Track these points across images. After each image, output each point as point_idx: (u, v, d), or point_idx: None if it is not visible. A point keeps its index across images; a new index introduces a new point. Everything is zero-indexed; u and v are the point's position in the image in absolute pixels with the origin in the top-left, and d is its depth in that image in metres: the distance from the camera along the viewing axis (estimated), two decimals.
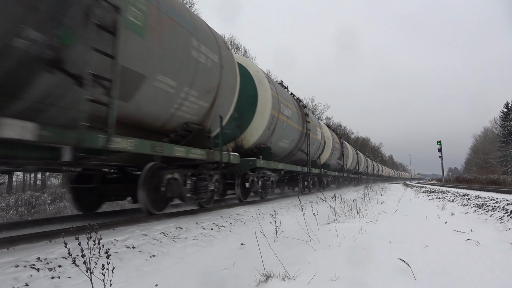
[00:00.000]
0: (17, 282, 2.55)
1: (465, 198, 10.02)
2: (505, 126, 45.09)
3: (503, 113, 46.82)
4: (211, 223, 5.55)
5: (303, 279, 2.57)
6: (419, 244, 3.62)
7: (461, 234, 4.14)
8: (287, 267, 2.75)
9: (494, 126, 55.58)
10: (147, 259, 3.51)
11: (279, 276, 2.60)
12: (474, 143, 64.91)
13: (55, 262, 2.97)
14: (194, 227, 5.09)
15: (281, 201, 10.59)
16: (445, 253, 3.31)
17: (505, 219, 5.23)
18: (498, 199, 7.92)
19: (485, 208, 6.74)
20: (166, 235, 4.41)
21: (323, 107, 47.21)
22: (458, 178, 38.56)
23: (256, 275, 2.64)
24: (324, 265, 2.88)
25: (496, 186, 22.92)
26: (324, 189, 18.54)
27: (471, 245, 3.61)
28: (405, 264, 2.62)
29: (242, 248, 4.09)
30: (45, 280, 2.67)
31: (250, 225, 5.86)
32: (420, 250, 3.37)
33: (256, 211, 7.32)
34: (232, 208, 7.94)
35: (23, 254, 3.13)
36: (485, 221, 5.58)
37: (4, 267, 2.73)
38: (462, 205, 8.24)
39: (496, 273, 2.73)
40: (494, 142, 51.89)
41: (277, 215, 4.92)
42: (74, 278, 2.74)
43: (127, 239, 3.99)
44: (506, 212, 5.69)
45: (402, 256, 2.73)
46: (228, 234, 5.14)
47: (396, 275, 2.58)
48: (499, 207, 6.34)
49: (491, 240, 3.94)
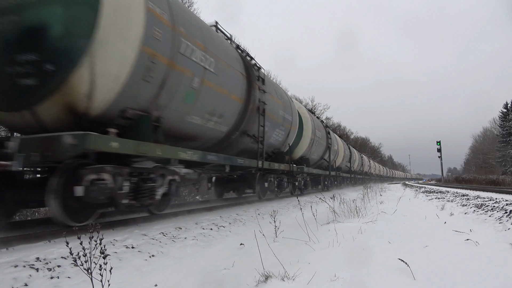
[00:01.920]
0: (16, 282, 2.55)
1: (464, 198, 10.03)
2: (504, 126, 45.11)
3: (503, 114, 46.85)
4: (210, 223, 5.55)
5: (303, 279, 2.57)
6: (419, 244, 3.62)
7: (460, 234, 4.15)
8: (286, 267, 2.75)
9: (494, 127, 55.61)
10: (146, 259, 3.51)
11: (279, 276, 2.60)
12: (474, 143, 64.94)
13: (54, 262, 2.97)
14: (193, 227, 5.09)
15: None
16: (444, 253, 3.31)
17: (504, 219, 5.24)
18: (497, 199, 7.93)
19: (484, 208, 6.75)
20: (166, 235, 4.41)
21: (323, 107, 47.10)
22: (458, 178, 38.58)
23: (255, 275, 2.64)
24: (324, 265, 2.88)
25: (495, 186, 22.94)
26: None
27: (470, 245, 3.62)
28: (405, 264, 2.62)
29: (242, 248, 4.09)
30: (44, 280, 2.67)
31: (249, 225, 5.87)
32: (420, 250, 3.38)
33: (256, 211, 7.33)
34: (231, 208, 7.95)
35: (22, 254, 3.13)
36: (484, 221, 5.59)
37: (3, 267, 2.73)
38: (462, 205, 8.24)
39: (495, 273, 2.74)
40: (493, 143, 51.90)
41: (276, 215, 4.92)
42: (73, 278, 2.74)
43: (126, 239, 3.99)
44: (505, 212, 5.70)
45: (401, 256, 2.73)
46: (228, 234, 5.14)
47: (396, 275, 2.58)
48: (498, 207, 6.35)
49: (490, 240, 3.94)
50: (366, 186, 15.58)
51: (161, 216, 5.94)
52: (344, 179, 26.66)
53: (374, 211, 6.19)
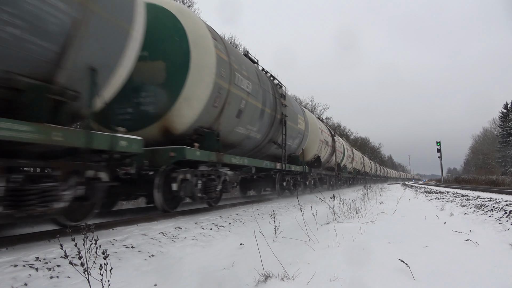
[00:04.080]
0: (16, 282, 2.55)
1: (464, 198, 10.03)
2: (504, 126, 45.12)
3: (502, 114, 46.85)
4: (210, 223, 5.55)
5: (302, 279, 2.57)
6: (418, 244, 3.62)
7: (460, 234, 4.15)
8: (286, 267, 2.74)
9: (493, 127, 55.60)
10: (146, 259, 3.51)
11: (278, 276, 2.60)
12: (473, 144, 64.94)
13: (54, 262, 2.97)
14: (193, 227, 5.08)
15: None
16: (444, 253, 3.32)
17: (504, 219, 5.24)
18: (497, 200, 7.93)
19: (484, 209, 6.75)
20: (165, 235, 4.40)
21: (323, 107, 47.14)
22: (457, 179, 38.61)
23: (255, 275, 2.64)
24: (323, 265, 2.88)
25: (495, 186, 22.95)
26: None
27: (470, 246, 3.62)
28: (404, 264, 2.62)
29: (241, 248, 4.09)
30: (44, 280, 2.67)
31: (249, 225, 5.86)
32: (419, 251, 3.38)
33: (255, 211, 7.33)
34: (232, 208, 7.95)
35: (22, 253, 3.12)
36: (484, 221, 5.59)
37: (3, 267, 2.73)
38: (461, 206, 8.25)
39: (495, 273, 2.74)
40: (493, 143, 51.92)
41: (276, 215, 4.92)
42: (73, 277, 2.74)
43: (126, 238, 3.99)
44: (505, 212, 5.70)
45: (401, 257, 2.73)
46: (227, 234, 5.14)
47: (395, 275, 2.58)
48: (498, 208, 6.35)
49: (490, 241, 3.95)
50: (366, 186, 15.59)
51: (161, 216, 5.94)
52: (347, 179, 28.89)
53: (374, 211, 6.18)
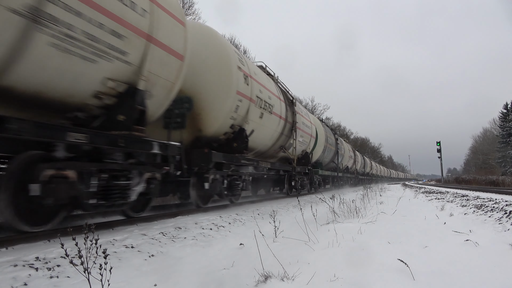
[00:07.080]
0: (16, 282, 2.55)
1: (464, 198, 10.03)
2: (504, 127, 45.11)
3: (502, 114, 46.83)
4: (210, 223, 5.54)
5: (302, 279, 2.57)
6: (418, 244, 3.62)
7: (460, 234, 4.15)
8: (286, 267, 2.75)
9: (493, 127, 55.59)
10: (146, 259, 3.51)
11: (278, 276, 2.60)
12: (474, 144, 64.92)
13: (54, 262, 2.96)
14: (193, 227, 5.08)
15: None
16: (444, 253, 3.32)
17: (504, 219, 5.24)
18: (497, 200, 7.93)
19: (484, 209, 6.75)
20: (165, 235, 4.40)
21: (323, 107, 47.18)
22: (457, 179, 38.61)
23: (255, 275, 2.64)
24: (323, 265, 2.88)
25: (495, 187, 22.95)
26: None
27: (470, 246, 3.62)
28: (404, 264, 2.62)
29: (241, 248, 4.09)
30: (43, 280, 2.66)
31: (249, 225, 5.86)
32: (419, 251, 3.38)
33: (255, 211, 7.32)
34: (231, 208, 7.95)
35: (21, 253, 3.12)
36: (484, 221, 5.59)
37: (3, 267, 2.73)
38: (461, 206, 8.24)
39: (495, 274, 2.74)
40: (493, 143, 51.90)
41: (276, 215, 4.92)
42: (73, 277, 2.73)
43: (126, 238, 3.98)
44: (505, 212, 5.70)
45: (401, 257, 2.73)
46: (227, 234, 5.14)
47: (395, 275, 2.58)
48: (498, 208, 6.35)
49: (490, 241, 3.94)
50: (366, 187, 15.59)
51: (161, 216, 5.95)
52: (349, 179, 29.81)
53: (374, 212, 6.19)
